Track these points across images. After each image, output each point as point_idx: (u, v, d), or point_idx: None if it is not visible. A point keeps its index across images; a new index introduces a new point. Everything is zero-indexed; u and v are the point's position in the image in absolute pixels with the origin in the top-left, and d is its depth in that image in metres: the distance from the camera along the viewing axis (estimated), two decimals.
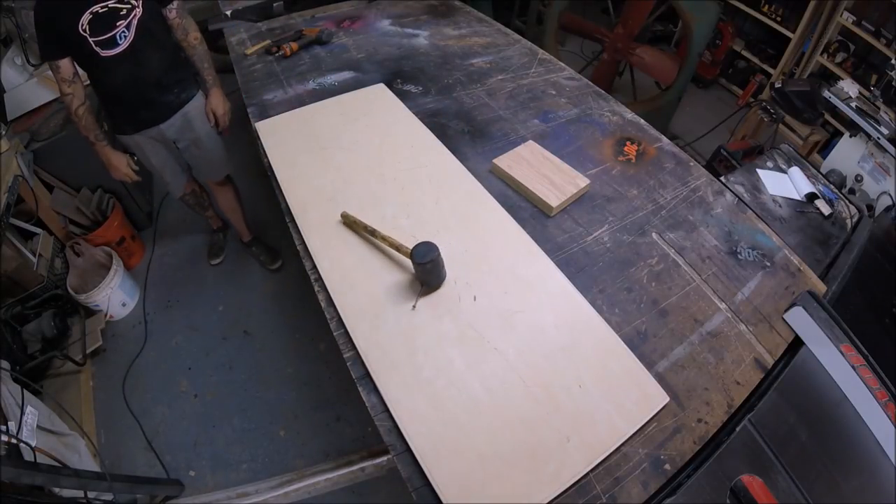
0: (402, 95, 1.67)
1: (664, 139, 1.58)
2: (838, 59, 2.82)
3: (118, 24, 1.45)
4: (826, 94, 1.95)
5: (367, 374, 0.96)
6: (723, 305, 1.13)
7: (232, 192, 2.17)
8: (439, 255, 1.04)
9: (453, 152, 1.42)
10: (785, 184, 1.62)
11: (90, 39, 1.43)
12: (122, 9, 1.45)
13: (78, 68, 1.51)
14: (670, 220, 1.31)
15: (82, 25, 1.39)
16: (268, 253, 2.35)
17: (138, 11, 1.48)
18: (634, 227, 1.28)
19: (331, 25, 2.11)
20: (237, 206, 2.22)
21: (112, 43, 1.47)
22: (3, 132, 1.81)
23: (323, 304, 1.10)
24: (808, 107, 2.12)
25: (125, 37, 1.48)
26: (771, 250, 1.27)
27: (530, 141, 1.47)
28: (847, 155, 1.97)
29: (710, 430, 0.93)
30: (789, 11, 3.05)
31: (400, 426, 0.89)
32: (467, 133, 1.55)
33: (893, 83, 2.25)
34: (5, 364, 1.48)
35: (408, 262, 1.14)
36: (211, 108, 1.76)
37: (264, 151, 1.45)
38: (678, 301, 1.13)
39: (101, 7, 1.41)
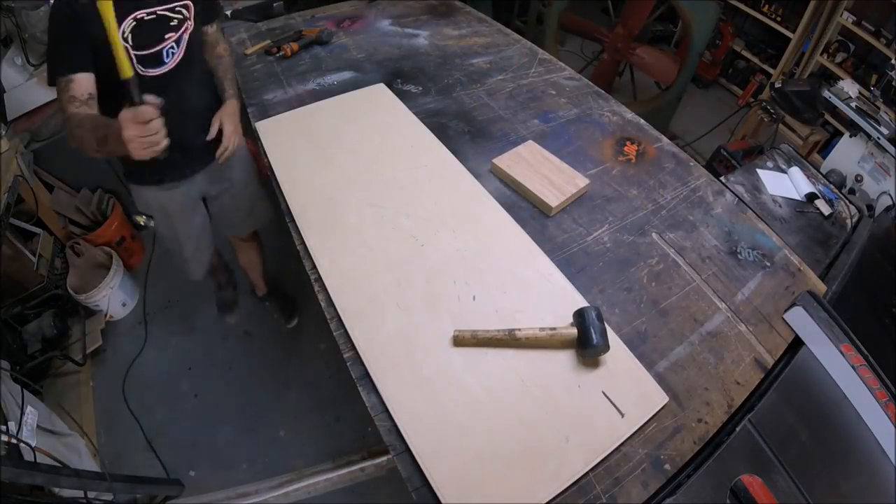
0: (402, 95, 1.67)
1: (664, 139, 1.58)
2: (838, 59, 2.82)
3: (167, 36, 1.16)
4: (826, 94, 1.95)
5: (367, 374, 0.96)
6: (723, 305, 1.13)
7: (256, 247, 1.91)
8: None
9: (453, 152, 1.42)
10: (785, 184, 1.62)
11: (132, 52, 1.11)
12: (172, 18, 1.16)
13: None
14: (670, 220, 1.31)
15: (123, 33, 1.09)
16: (282, 310, 2.12)
17: (190, 24, 1.20)
18: (634, 227, 1.28)
19: (331, 25, 2.11)
20: (258, 261, 1.97)
21: (156, 61, 1.17)
22: (3, 132, 1.81)
23: (323, 305, 1.10)
24: (808, 107, 2.11)
25: (172, 54, 1.19)
26: (771, 250, 1.27)
27: (530, 141, 1.47)
28: (847, 155, 1.96)
29: (710, 430, 0.93)
30: (789, 11, 3.06)
31: (399, 426, 0.89)
32: (467, 133, 1.55)
33: (893, 83, 2.25)
34: (5, 364, 1.48)
35: (408, 261, 1.14)
36: (219, 116, 1.32)
37: (264, 151, 1.45)
38: (678, 301, 1.13)
39: (148, 13, 1.11)
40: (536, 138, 1.50)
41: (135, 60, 1.12)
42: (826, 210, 1.53)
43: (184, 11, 1.18)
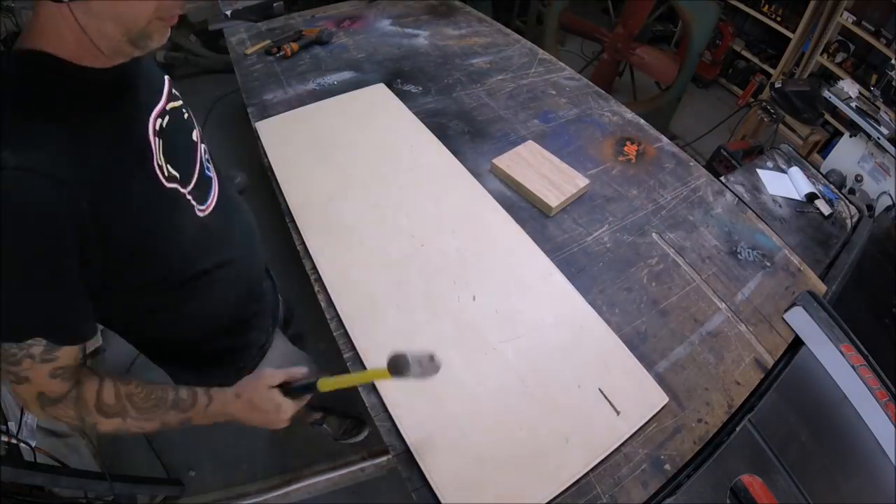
0: (402, 95, 1.67)
1: (664, 139, 1.58)
2: (838, 59, 2.82)
3: (194, 138, 0.75)
4: (826, 94, 1.95)
5: None
6: (723, 305, 1.13)
7: None
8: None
9: (453, 152, 1.42)
10: (785, 184, 1.62)
11: (186, 192, 0.68)
12: (181, 110, 0.73)
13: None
14: (670, 220, 1.31)
15: (160, 166, 0.64)
16: (345, 432, 1.73)
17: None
18: (634, 227, 1.28)
19: (331, 25, 2.11)
20: None
21: (205, 185, 0.74)
22: None
23: (323, 305, 1.09)
24: (808, 107, 2.12)
25: (210, 166, 0.78)
26: (771, 250, 1.27)
27: (530, 141, 1.47)
28: (847, 155, 1.96)
29: (710, 430, 0.93)
30: (789, 11, 3.05)
31: (399, 426, 0.89)
32: (467, 133, 1.55)
33: (893, 83, 2.25)
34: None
35: (408, 261, 1.14)
36: None
37: (264, 151, 1.44)
38: (678, 301, 1.13)
39: (161, 113, 0.67)
40: (536, 138, 1.50)
41: (190, 199, 0.69)
42: (826, 210, 1.53)
43: (176, 93, 0.74)
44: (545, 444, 0.87)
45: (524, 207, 1.31)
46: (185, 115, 0.75)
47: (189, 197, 0.69)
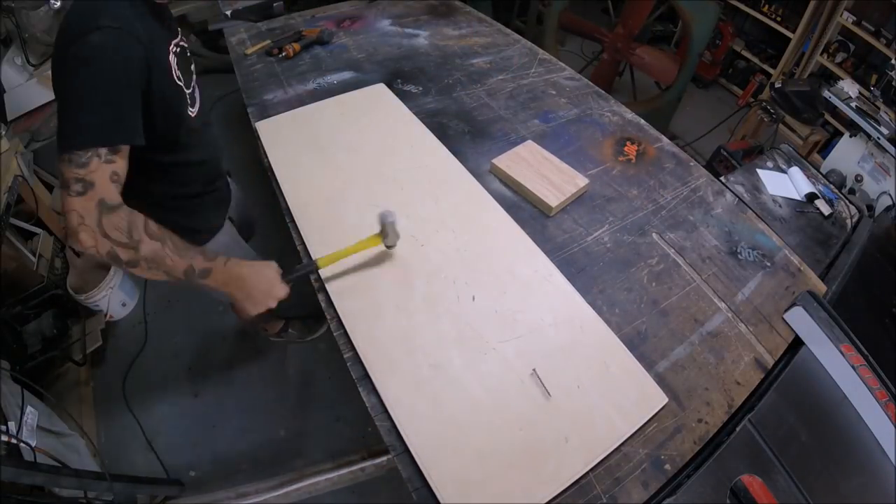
0: (403, 95, 1.67)
1: (664, 139, 1.58)
2: (838, 59, 2.82)
3: (192, 68, 1.06)
4: (826, 94, 1.95)
5: (367, 375, 0.96)
6: (723, 305, 1.13)
7: None
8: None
9: (453, 152, 1.42)
10: (785, 184, 1.62)
11: (186, 91, 0.98)
12: (186, 50, 1.04)
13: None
14: (670, 220, 1.31)
15: (174, 70, 0.93)
16: (308, 329, 2.04)
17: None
18: (634, 228, 1.28)
19: (331, 25, 2.11)
20: None
21: (193, 99, 1.04)
22: (3, 132, 1.81)
23: (323, 305, 1.10)
24: (808, 107, 2.11)
25: (198, 91, 1.08)
26: (771, 250, 1.27)
27: (529, 141, 1.47)
28: (847, 155, 1.96)
29: (710, 430, 0.93)
30: (789, 11, 3.06)
31: (399, 426, 0.89)
32: (467, 133, 1.55)
33: (893, 83, 2.25)
34: (5, 364, 1.48)
35: (408, 261, 1.14)
36: None
37: (264, 151, 1.44)
38: (678, 301, 1.13)
39: (177, 46, 0.97)
40: (536, 138, 1.50)
41: (189, 101, 1.00)
42: (826, 210, 1.53)
43: (184, 40, 1.04)
44: (545, 444, 0.87)
45: (524, 207, 1.31)
46: (188, 53, 1.06)
47: (187, 94, 0.99)
